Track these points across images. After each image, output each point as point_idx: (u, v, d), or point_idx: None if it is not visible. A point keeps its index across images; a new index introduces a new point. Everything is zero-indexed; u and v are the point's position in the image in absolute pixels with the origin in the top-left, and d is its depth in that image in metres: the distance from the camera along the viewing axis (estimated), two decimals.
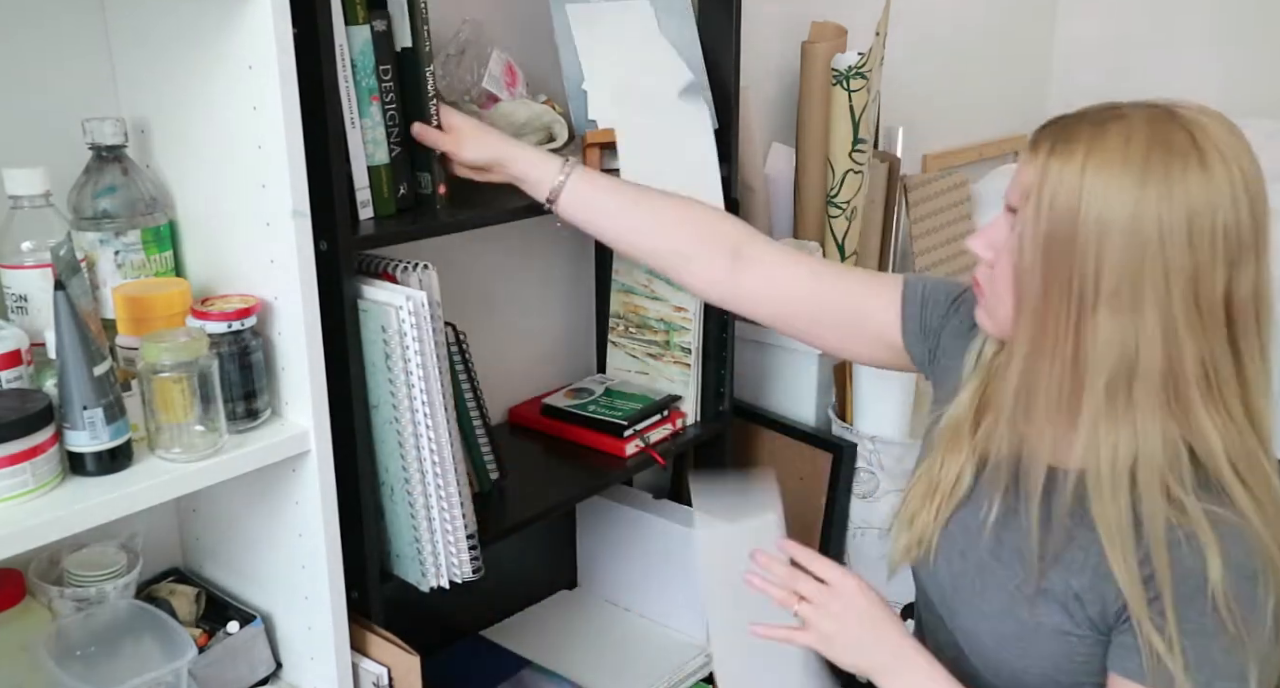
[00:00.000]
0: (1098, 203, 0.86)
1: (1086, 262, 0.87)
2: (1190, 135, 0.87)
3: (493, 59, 1.36)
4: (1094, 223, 0.86)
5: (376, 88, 1.12)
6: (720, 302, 1.25)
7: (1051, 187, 0.88)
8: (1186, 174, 0.85)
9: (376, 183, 1.14)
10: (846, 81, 1.71)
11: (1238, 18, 2.54)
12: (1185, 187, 0.85)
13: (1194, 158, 0.86)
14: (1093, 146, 0.88)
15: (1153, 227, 0.85)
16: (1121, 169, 0.86)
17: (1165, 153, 0.86)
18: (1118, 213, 0.86)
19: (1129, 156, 0.86)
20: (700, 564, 1.17)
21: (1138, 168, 0.86)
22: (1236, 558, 0.89)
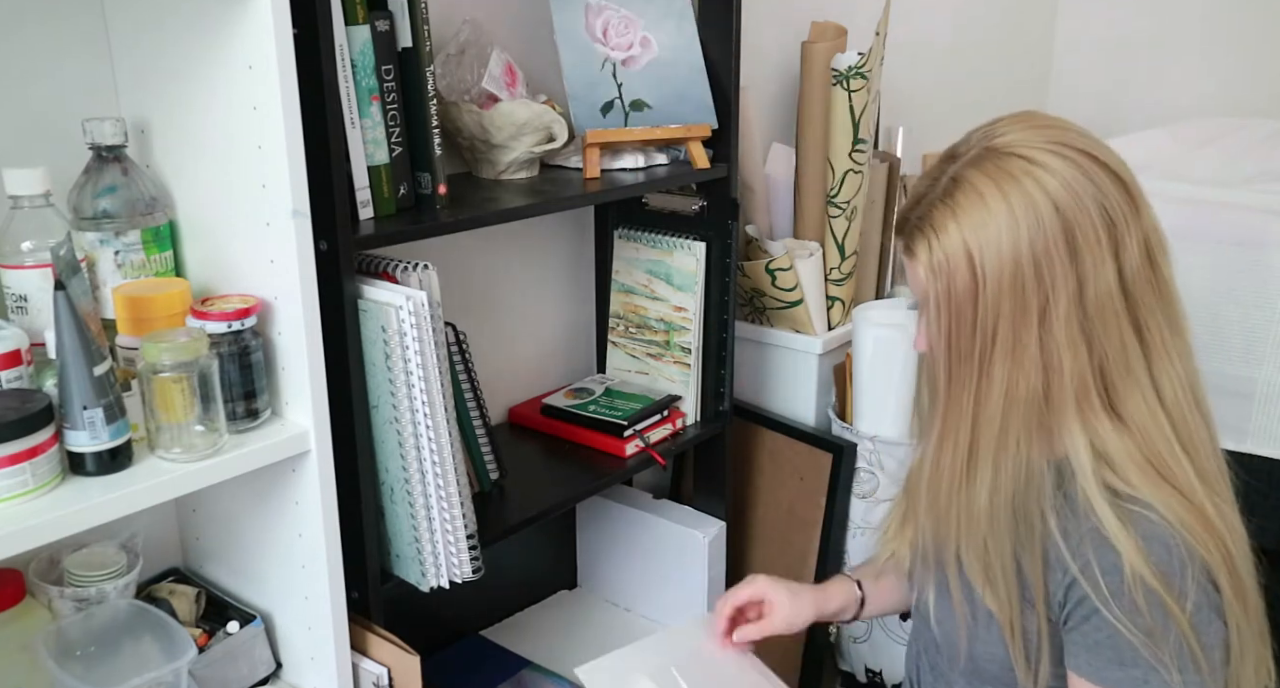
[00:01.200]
0: (992, 261, 0.90)
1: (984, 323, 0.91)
2: (1019, 157, 0.90)
3: (493, 59, 1.36)
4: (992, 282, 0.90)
5: (377, 88, 1.12)
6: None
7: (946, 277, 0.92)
8: (1043, 186, 0.89)
9: (376, 183, 1.14)
10: (846, 81, 1.71)
11: (1237, 18, 2.54)
12: (1047, 197, 0.88)
13: (1037, 169, 0.89)
14: (957, 216, 0.91)
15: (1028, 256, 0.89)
16: (988, 218, 0.90)
17: (1013, 183, 0.89)
18: (1006, 260, 0.89)
19: (990, 206, 0.90)
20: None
21: (1003, 209, 0.89)
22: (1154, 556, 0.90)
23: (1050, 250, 0.89)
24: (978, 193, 0.90)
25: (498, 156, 1.35)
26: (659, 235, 1.58)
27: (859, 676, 1.81)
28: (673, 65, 1.45)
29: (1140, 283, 0.91)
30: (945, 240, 0.91)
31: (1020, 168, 0.90)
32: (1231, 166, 1.91)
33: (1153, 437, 0.93)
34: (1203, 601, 0.91)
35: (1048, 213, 0.88)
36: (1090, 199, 0.89)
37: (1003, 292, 0.90)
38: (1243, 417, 1.61)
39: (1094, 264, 0.89)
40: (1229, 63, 2.55)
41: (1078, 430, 0.93)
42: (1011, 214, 0.89)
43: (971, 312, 0.91)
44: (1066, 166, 0.89)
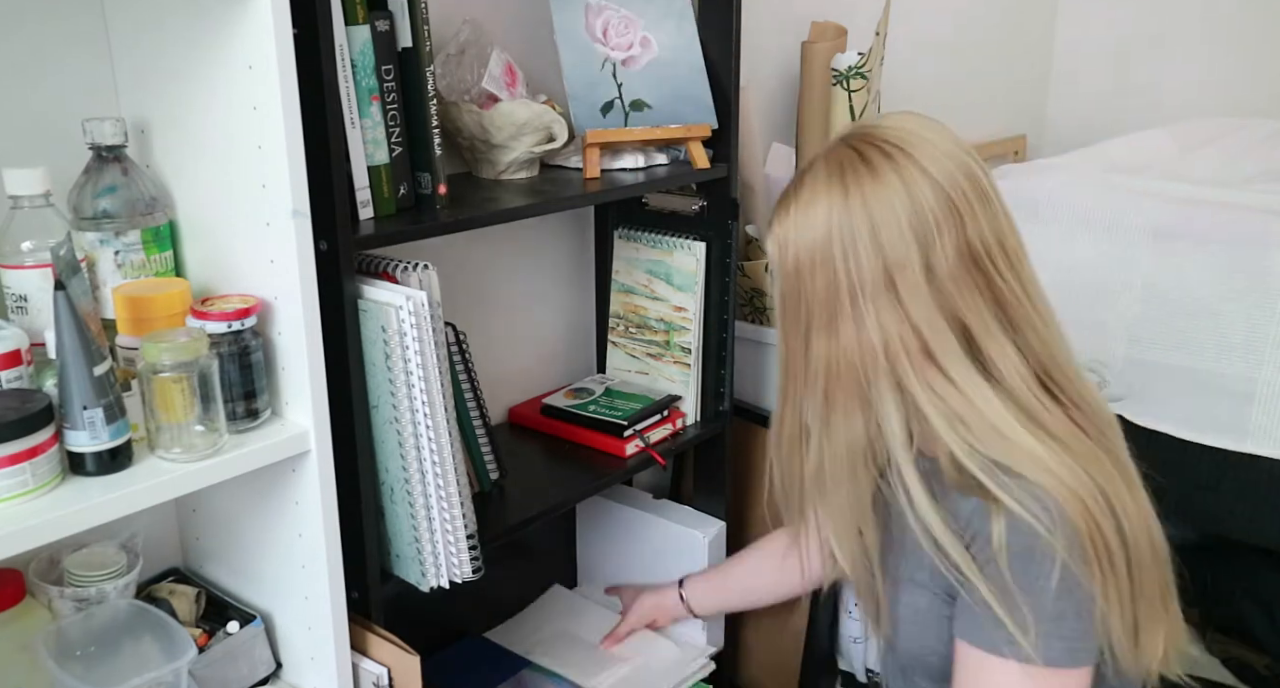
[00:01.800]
0: (801, 240, 0.99)
1: (804, 297, 1.00)
2: (854, 150, 0.99)
3: (493, 59, 1.36)
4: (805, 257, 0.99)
5: (377, 88, 1.12)
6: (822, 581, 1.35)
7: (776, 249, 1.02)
8: (860, 184, 0.97)
9: (376, 183, 1.14)
10: (846, 81, 1.71)
11: (1237, 18, 2.54)
12: (860, 195, 0.96)
13: (862, 167, 0.97)
14: (794, 199, 1.00)
15: (838, 244, 0.97)
16: (810, 203, 0.99)
17: (839, 174, 0.98)
18: (815, 242, 0.99)
19: (815, 192, 0.99)
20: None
21: (823, 197, 0.98)
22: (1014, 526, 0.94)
23: (856, 238, 0.96)
24: (812, 178, 1.00)
25: (498, 157, 1.35)
26: (659, 235, 1.58)
27: (859, 676, 1.81)
28: (673, 65, 1.45)
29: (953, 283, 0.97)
30: (781, 221, 1.01)
31: (849, 160, 0.98)
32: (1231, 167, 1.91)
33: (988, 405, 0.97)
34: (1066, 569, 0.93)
35: (856, 204, 0.96)
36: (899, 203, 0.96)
37: (815, 272, 0.98)
38: (1243, 417, 1.61)
39: (897, 257, 0.96)
40: (1229, 63, 2.55)
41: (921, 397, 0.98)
42: (829, 200, 0.97)
43: (792, 287, 1.01)
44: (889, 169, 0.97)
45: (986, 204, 0.98)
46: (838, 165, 0.99)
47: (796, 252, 0.99)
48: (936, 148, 0.97)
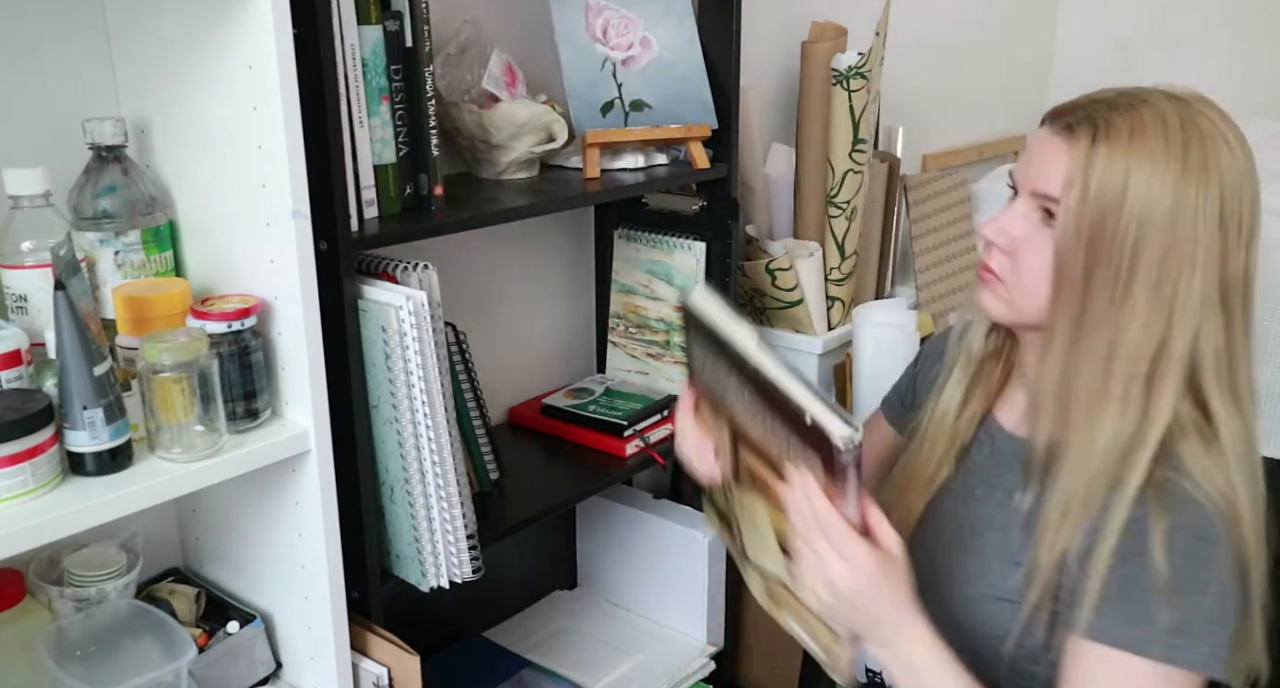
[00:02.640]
0: (1142, 191, 0.88)
1: (1126, 249, 0.89)
2: (1212, 121, 0.90)
3: (493, 59, 1.36)
4: (1138, 212, 0.88)
5: (387, 87, 1.12)
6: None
7: (1098, 175, 0.89)
8: (1220, 159, 0.88)
9: (383, 182, 1.15)
10: (846, 81, 1.71)
11: (1237, 18, 2.54)
12: (1220, 172, 0.88)
13: (1221, 143, 0.89)
14: (1134, 134, 0.89)
15: (1190, 214, 0.88)
16: (1166, 157, 0.88)
17: (1200, 139, 0.89)
18: (1160, 201, 0.88)
19: (1170, 144, 0.88)
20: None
21: (1179, 154, 0.88)
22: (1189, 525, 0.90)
23: (1204, 211, 0.88)
24: (1162, 122, 0.89)
25: (498, 157, 1.35)
26: (659, 235, 1.58)
27: (859, 676, 1.81)
28: (673, 65, 1.45)
29: (1247, 295, 0.92)
30: (1115, 144, 0.89)
31: (1210, 128, 0.90)
32: None
33: (1250, 425, 0.93)
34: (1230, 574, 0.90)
35: (1215, 179, 0.88)
36: (1248, 192, 0.90)
37: (1153, 223, 0.88)
38: None
39: (1234, 247, 0.90)
40: (1229, 63, 2.54)
41: (1216, 398, 0.92)
42: (1187, 159, 0.88)
43: (1115, 224, 0.89)
44: (1245, 156, 0.90)
45: (1259, 234, 0.94)
46: (1195, 126, 0.89)
47: (1144, 198, 0.87)
48: (1252, 154, 0.92)
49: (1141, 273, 0.89)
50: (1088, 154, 0.90)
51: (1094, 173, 0.89)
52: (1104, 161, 0.89)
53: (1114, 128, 0.90)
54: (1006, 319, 1.01)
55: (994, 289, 1.00)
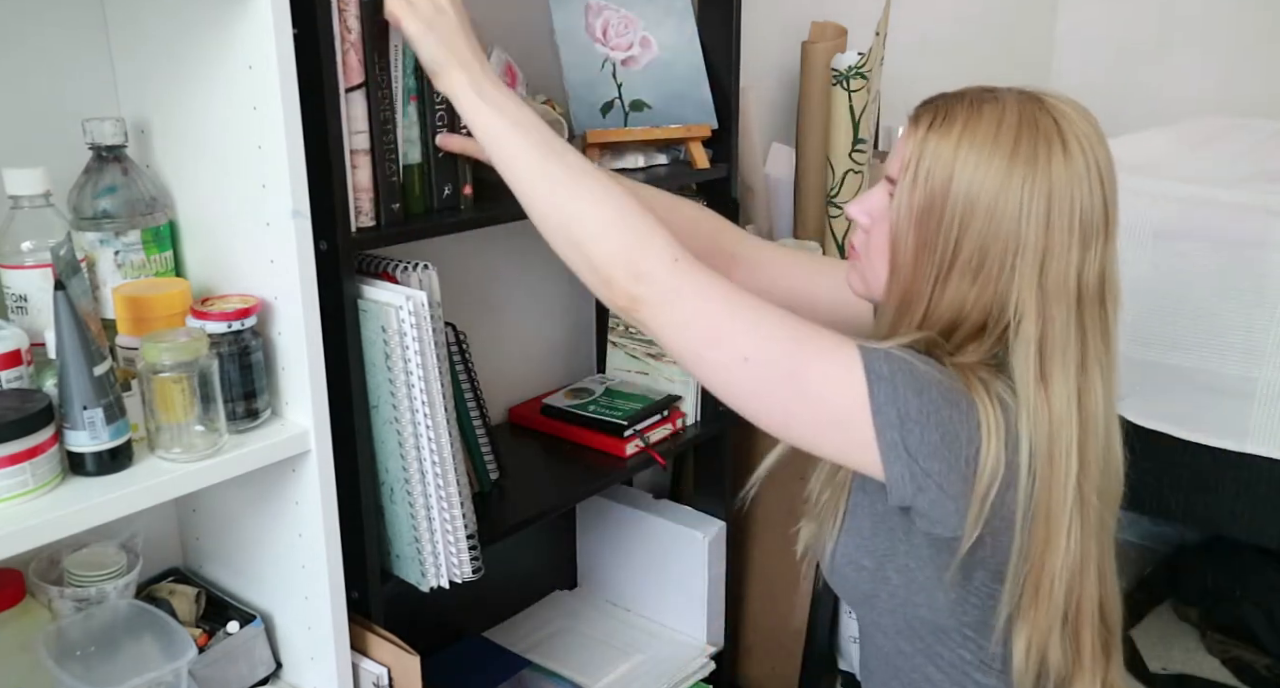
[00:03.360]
0: (967, 178, 0.93)
1: (950, 231, 0.94)
2: (1055, 122, 0.94)
3: (493, 59, 1.36)
4: (962, 197, 0.93)
5: (416, 88, 1.12)
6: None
7: (928, 160, 0.94)
8: (1051, 158, 0.92)
9: (409, 182, 1.14)
10: (846, 81, 1.71)
11: (1238, 18, 2.54)
12: (1049, 170, 0.92)
13: (1058, 143, 0.92)
14: (968, 125, 0.94)
15: (1014, 205, 0.92)
16: (992, 149, 0.92)
17: (1032, 136, 0.92)
18: (984, 189, 0.92)
19: (1000, 137, 0.93)
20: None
21: (1007, 149, 0.92)
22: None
23: (1032, 207, 0.92)
24: (999, 117, 0.94)
25: None
26: None
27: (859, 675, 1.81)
28: (673, 65, 1.45)
29: (1089, 297, 0.95)
30: (947, 132, 0.94)
31: (1049, 127, 0.93)
32: (1231, 167, 1.91)
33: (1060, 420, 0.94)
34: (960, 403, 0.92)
35: (1043, 180, 0.92)
36: (1081, 196, 0.92)
37: (974, 211, 0.92)
38: (1243, 417, 1.61)
39: (1061, 246, 0.92)
40: (1229, 63, 2.55)
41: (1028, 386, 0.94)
42: (1014, 155, 0.92)
43: (940, 208, 0.94)
44: (1082, 159, 0.93)
45: (1116, 238, 0.97)
46: (1032, 124, 0.93)
47: (963, 183, 0.92)
48: (1109, 158, 0.95)
49: (962, 258, 0.93)
50: (922, 140, 0.95)
51: (925, 158, 0.95)
52: (934, 148, 0.94)
53: (950, 117, 0.96)
54: (862, 293, 1.06)
55: (854, 264, 1.06)
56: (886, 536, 1.01)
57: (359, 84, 1.07)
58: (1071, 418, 0.94)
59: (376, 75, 1.08)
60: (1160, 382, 1.65)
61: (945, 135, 0.94)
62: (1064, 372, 0.94)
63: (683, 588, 1.65)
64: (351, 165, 1.08)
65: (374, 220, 1.12)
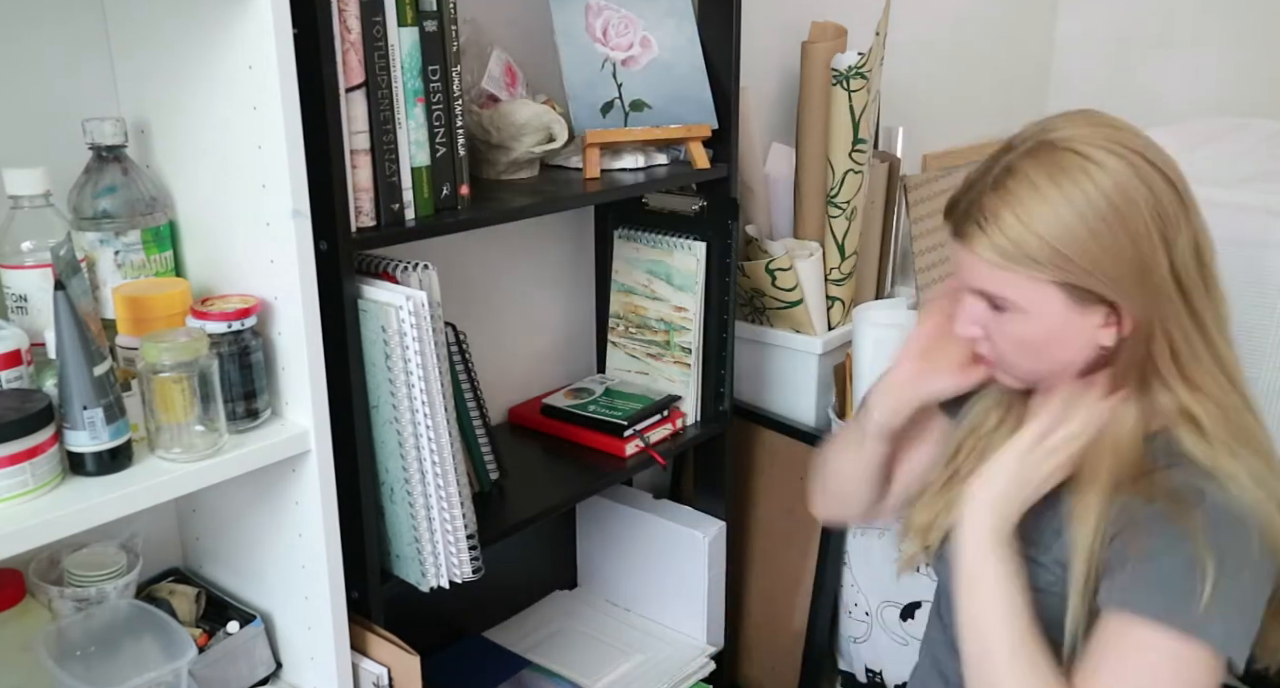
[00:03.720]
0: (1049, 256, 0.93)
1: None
2: (1073, 152, 0.93)
3: (493, 59, 1.36)
4: (1047, 261, 0.93)
5: (422, 90, 1.12)
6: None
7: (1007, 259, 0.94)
8: (1091, 181, 0.91)
9: (418, 184, 1.15)
10: (846, 81, 1.71)
11: (1238, 18, 2.54)
12: (1097, 190, 0.91)
13: (1089, 165, 0.92)
14: (1009, 204, 0.94)
15: (1086, 238, 0.91)
16: (1041, 208, 0.92)
17: (1065, 176, 0.92)
18: (1066, 251, 0.92)
19: (1043, 195, 0.93)
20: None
21: (1054, 200, 0.92)
22: (1220, 509, 0.92)
23: (1106, 231, 0.91)
24: (1031, 183, 0.93)
25: (498, 157, 1.35)
26: (659, 235, 1.58)
27: (859, 676, 1.81)
28: (673, 65, 1.45)
29: (1191, 277, 0.95)
30: (1000, 226, 0.94)
31: (1075, 163, 0.93)
32: (1231, 167, 1.91)
33: (1230, 409, 0.96)
34: (1262, 561, 0.92)
35: (1100, 202, 0.91)
36: (1141, 198, 0.92)
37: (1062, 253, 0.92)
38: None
39: (1147, 257, 0.92)
40: (1229, 63, 2.54)
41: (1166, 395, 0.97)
42: (1067, 200, 0.92)
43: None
44: (1121, 165, 0.92)
45: (1195, 204, 0.96)
46: (1058, 167, 0.93)
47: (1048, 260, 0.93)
48: (1150, 144, 0.95)
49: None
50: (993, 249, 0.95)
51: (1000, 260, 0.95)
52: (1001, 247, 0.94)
53: (992, 210, 0.95)
54: (1018, 386, 1.06)
55: (995, 369, 1.06)
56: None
57: (359, 84, 1.07)
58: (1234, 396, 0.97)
59: (376, 75, 1.08)
60: None
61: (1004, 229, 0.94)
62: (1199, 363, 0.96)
63: (683, 588, 1.65)
64: (351, 165, 1.08)
65: (374, 220, 1.12)
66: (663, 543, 1.65)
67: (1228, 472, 0.93)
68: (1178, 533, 0.92)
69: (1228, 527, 0.91)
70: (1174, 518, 0.92)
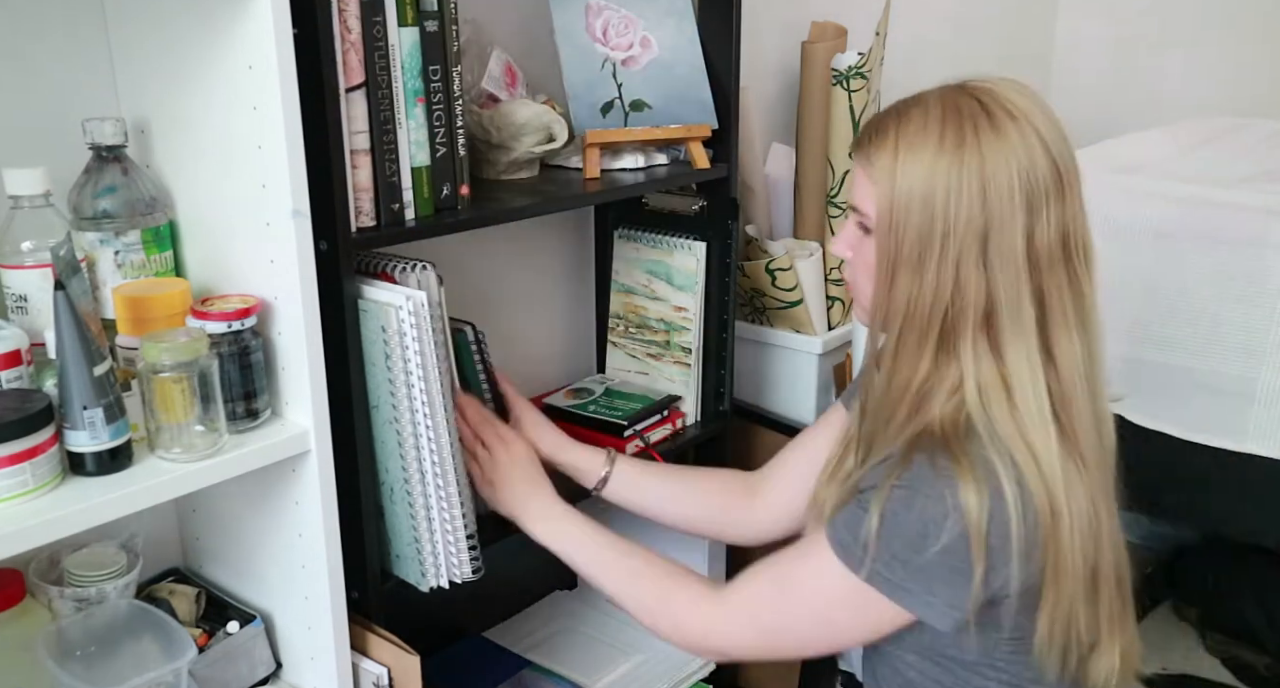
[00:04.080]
0: (904, 178, 0.97)
1: (897, 232, 0.98)
2: (979, 101, 0.97)
3: (493, 59, 1.36)
4: (902, 197, 0.97)
5: (423, 90, 1.12)
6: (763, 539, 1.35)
7: (875, 174, 1.00)
8: (979, 136, 0.95)
9: (418, 184, 1.15)
10: (846, 81, 1.71)
11: (1238, 17, 2.54)
12: (978, 147, 0.95)
13: (984, 120, 0.96)
14: (899, 129, 0.99)
15: (943, 189, 0.95)
16: (921, 144, 0.97)
17: (956, 121, 0.96)
18: (915, 182, 0.97)
19: (927, 131, 0.97)
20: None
21: (934, 139, 0.96)
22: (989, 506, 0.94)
23: (963, 188, 0.95)
24: (924, 114, 0.98)
25: (497, 157, 1.35)
26: (659, 235, 1.58)
27: (859, 675, 1.81)
28: (673, 65, 1.45)
29: (1048, 259, 0.97)
30: (884, 143, 0.99)
31: (972, 109, 0.97)
32: (1231, 167, 1.91)
33: (1025, 388, 0.97)
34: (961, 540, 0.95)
35: (972, 157, 0.95)
36: (1019, 164, 0.95)
37: (911, 207, 0.97)
38: (1243, 417, 1.61)
39: (1005, 216, 0.95)
40: (1229, 63, 2.55)
41: (966, 357, 0.99)
42: (941, 144, 0.96)
43: (888, 216, 0.99)
44: (1014, 128, 0.96)
45: (1078, 193, 0.99)
46: (955, 109, 0.97)
47: (902, 186, 0.97)
48: (1050, 120, 0.97)
49: (904, 253, 0.98)
50: (866, 161, 1.01)
51: (871, 176, 1.00)
52: (877, 164, 0.99)
53: (882, 131, 1.00)
54: (864, 321, 1.09)
55: (855, 300, 1.11)
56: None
57: (359, 84, 1.07)
58: (1038, 382, 0.97)
59: (376, 75, 1.08)
60: (1159, 382, 1.65)
61: (881, 146, 0.99)
62: (1021, 339, 0.97)
63: None
64: (351, 165, 1.08)
65: (374, 220, 1.12)
66: (663, 543, 1.65)
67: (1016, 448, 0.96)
68: (901, 485, 0.96)
69: (929, 485, 0.95)
70: (898, 466, 0.97)
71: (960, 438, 0.97)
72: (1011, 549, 0.94)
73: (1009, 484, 0.94)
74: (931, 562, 0.95)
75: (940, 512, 0.94)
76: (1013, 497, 0.94)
